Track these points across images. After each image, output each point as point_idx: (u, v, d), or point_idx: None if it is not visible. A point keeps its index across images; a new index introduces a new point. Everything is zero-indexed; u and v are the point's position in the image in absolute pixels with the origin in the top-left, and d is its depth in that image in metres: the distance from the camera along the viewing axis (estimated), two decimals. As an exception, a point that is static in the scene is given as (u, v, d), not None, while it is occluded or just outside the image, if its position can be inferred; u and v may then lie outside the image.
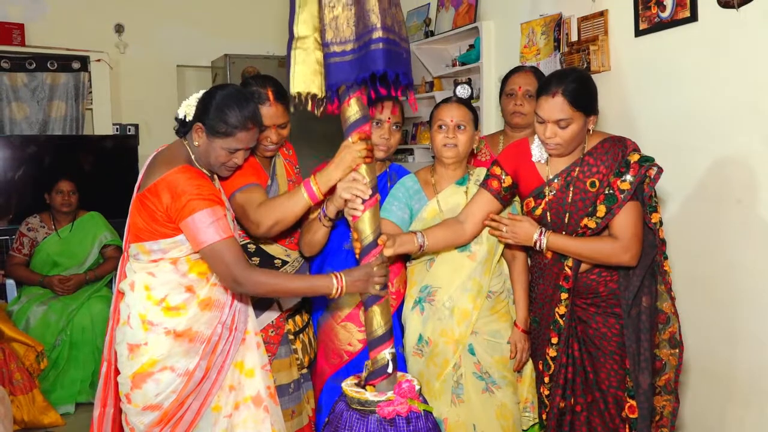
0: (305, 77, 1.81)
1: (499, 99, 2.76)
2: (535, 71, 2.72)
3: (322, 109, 1.85)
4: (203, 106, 1.83)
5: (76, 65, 4.82)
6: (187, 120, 1.88)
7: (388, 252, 1.89)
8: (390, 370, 1.81)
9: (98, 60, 4.86)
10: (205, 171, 1.86)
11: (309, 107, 1.83)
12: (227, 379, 1.87)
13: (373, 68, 1.72)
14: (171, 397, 1.78)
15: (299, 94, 1.82)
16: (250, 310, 1.97)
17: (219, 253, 1.74)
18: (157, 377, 1.78)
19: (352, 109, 1.81)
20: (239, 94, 1.85)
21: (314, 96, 1.83)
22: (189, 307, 1.80)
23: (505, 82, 2.73)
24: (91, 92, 4.89)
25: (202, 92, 1.90)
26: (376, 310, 1.82)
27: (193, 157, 1.86)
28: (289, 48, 1.84)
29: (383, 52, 1.71)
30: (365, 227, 1.82)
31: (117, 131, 5.03)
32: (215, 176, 1.95)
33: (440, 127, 2.17)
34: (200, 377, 1.80)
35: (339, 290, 1.77)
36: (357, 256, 1.85)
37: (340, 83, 1.78)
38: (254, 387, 1.91)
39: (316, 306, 2.29)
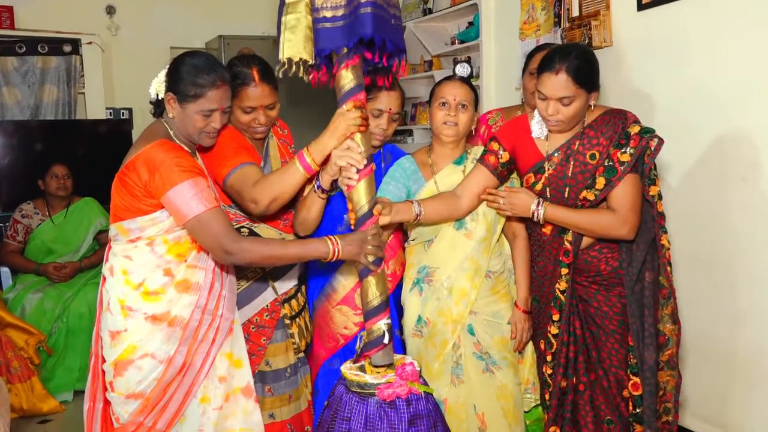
0: (296, 43, 1.76)
1: (522, 75, 2.67)
2: None
3: (311, 75, 1.80)
4: (170, 76, 1.79)
5: (67, 48, 4.74)
6: (160, 98, 1.83)
7: (385, 220, 1.85)
8: (386, 340, 1.77)
9: (90, 43, 4.77)
10: (185, 148, 1.82)
11: (300, 73, 1.78)
12: (216, 369, 1.83)
13: (360, 33, 1.67)
14: (153, 384, 1.75)
15: (289, 60, 1.76)
16: (235, 299, 1.93)
17: (206, 223, 1.70)
18: (139, 364, 1.74)
19: (346, 78, 1.76)
20: (203, 56, 1.81)
21: (305, 62, 1.78)
22: (167, 291, 1.76)
23: (528, 60, 2.62)
24: (83, 76, 4.81)
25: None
26: (371, 281, 1.79)
27: (171, 133, 1.81)
28: (280, 14, 1.79)
29: (371, 16, 1.66)
30: (360, 197, 1.78)
31: (110, 115, 4.96)
32: (198, 155, 1.90)
33: (442, 104, 2.12)
34: (180, 363, 1.77)
35: (335, 253, 1.73)
36: (353, 227, 1.82)
37: (329, 49, 1.73)
38: (243, 378, 1.88)
39: (312, 290, 2.26)
